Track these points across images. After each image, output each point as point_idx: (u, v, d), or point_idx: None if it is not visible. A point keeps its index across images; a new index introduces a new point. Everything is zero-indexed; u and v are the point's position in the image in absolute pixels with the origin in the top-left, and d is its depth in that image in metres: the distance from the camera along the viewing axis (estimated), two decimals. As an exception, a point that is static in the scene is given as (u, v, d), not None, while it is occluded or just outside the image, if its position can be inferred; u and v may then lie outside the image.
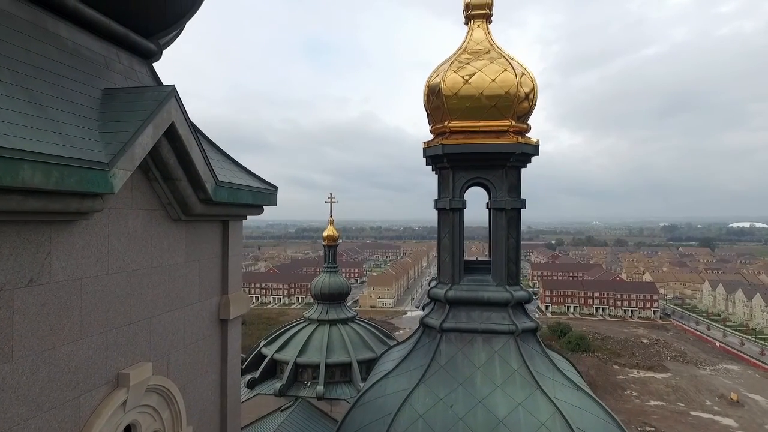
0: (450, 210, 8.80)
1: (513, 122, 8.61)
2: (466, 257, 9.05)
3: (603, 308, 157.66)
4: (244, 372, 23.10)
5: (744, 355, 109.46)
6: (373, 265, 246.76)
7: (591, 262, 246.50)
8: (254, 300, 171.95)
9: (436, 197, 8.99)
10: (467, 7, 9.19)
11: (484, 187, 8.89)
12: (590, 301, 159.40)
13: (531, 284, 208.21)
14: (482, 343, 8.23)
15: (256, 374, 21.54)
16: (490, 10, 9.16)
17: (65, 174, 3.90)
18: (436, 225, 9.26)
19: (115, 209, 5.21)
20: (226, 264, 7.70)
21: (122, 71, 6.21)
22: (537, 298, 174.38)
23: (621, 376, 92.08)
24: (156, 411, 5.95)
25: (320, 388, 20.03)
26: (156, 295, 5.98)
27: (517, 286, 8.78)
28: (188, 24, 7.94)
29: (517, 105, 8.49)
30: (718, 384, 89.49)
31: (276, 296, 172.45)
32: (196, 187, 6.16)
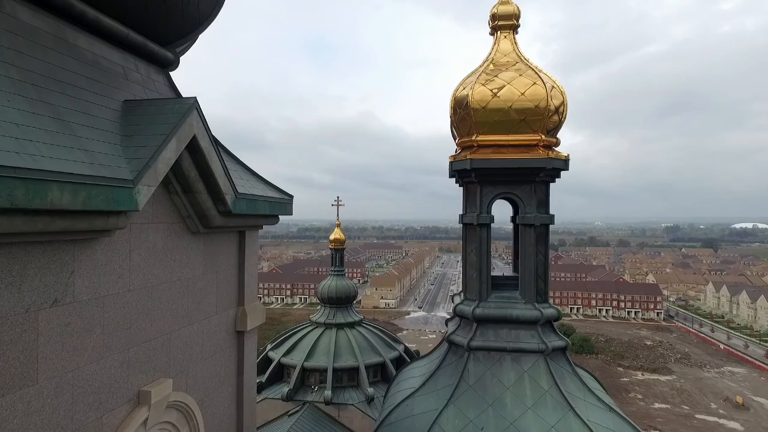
0: (477, 225, 8.62)
1: (543, 136, 8.48)
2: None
3: (606, 310, 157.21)
4: (250, 376, 23.07)
5: (749, 358, 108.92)
6: (375, 265, 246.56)
7: (594, 263, 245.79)
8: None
9: (461, 211, 8.85)
10: (494, 17, 9.06)
11: (511, 202, 8.75)
12: (593, 302, 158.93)
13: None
14: (511, 363, 8.10)
15: (263, 378, 21.43)
16: (518, 20, 9.02)
17: (93, 193, 3.80)
18: (437, 225, 9.09)
19: (136, 224, 5.11)
20: (242, 274, 7.60)
21: (140, 81, 6.12)
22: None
23: (625, 379, 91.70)
24: (175, 427, 5.85)
25: (328, 392, 19.91)
26: (175, 310, 5.89)
27: (546, 303, 8.60)
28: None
29: (547, 119, 8.35)
30: (722, 387, 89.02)
31: (279, 296, 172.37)
32: (216, 199, 6.07)
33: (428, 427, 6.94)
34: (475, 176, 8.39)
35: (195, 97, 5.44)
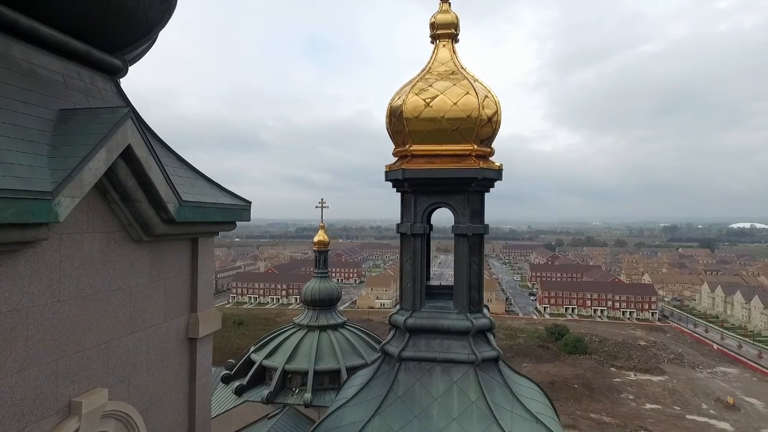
0: (411, 235, 8.65)
1: (475, 146, 8.49)
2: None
3: (601, 310, 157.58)
4: (233, 378, 22.98)
5: (741, 358, 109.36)
6: (372, 266, 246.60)
7: (590, 263, 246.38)
8: (252, 300, 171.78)
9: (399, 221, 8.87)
10: (433, 26, 9.03)
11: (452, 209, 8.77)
12: (588, 302, 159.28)
13: (530, 285, 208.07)
14: (441, 373, 8.10)
15: (245, 381, 21.43)
16: (456, 29, 9.02)
17: (1, 206, 3.79)
18: (436, 225, 9.17)
19: (68, 234, 5.10)
20: (195, 282, 7.58)
21: (83, 89, 6.11)
22: (535, 300, 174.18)
23: (617, 379, 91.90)
24: (114, 437, 5.84)
25: (308, 395, 19.92)
26: (115, 319, 5.87)
27: (479, 313, 8.62)
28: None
29: (479, 128, 8.36)
30: (714, 387, 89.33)
31: (274, 296, 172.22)
32: (157, 208, 6.05)
33: (353, 438, 6.94)
34: (408, 186, 8.41)
35: (129, 107, 5.43)
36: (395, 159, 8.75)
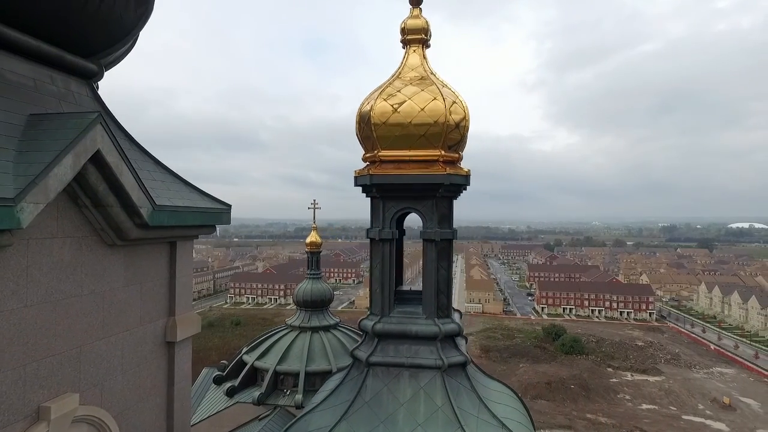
0: (380, 240, 8.68)
1: (443, 152, 8.48)
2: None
3: (599, 310, 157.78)
4: (225, 379, 22.98)
5: (738, 358, 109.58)
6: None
7: (589, 264, 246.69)
8: (250, 301, 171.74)
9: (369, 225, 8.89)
10: (403, 31, 9.02)
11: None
12: (586, 302, 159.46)
13: (528, 285, 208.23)
14: (408, 379, 8.10)
15: (236, 382, 21.42)
16: (426, 35, 9.01)
17: (-41, 213, 3.79)
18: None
19: (36, 239, 5.09)
20: (173, 285, 7.57)
21: (56, 94, 6.10)
22: (533, 300, 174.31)
23: (614, 379, 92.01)
24: (86, 441, 5.83)
25: (299, 396, 19.89)
26: (88, 323, 5.87)
27: (448, 318, 8.65)
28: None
29: (446, 134, 8.36)
30: (711, 387, 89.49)
31: (272, 297, 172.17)
32: (130, 212, 6.04)
33: (317, 445, 6.94)
34: (376, 191, 8.41)
35: (99, 111, 5.42)
36: (364, 164, 8.77)
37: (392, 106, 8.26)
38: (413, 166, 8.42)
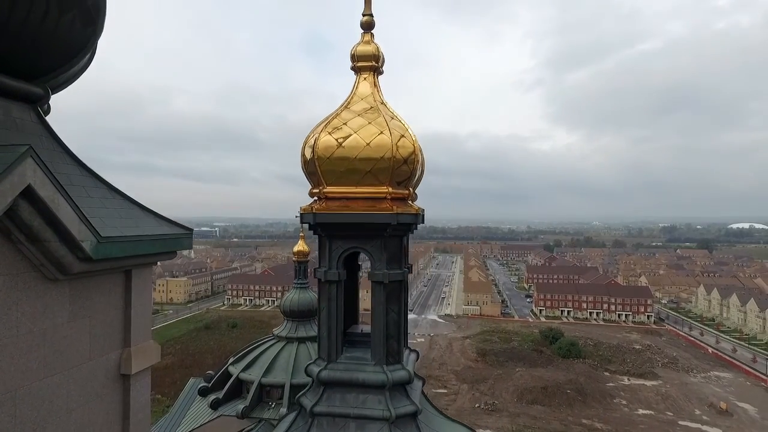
0: (326, 282, 8.29)
1: (391, 189, 8.10)
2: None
3: (597, 312, 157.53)
4: (210, 391, 22.67)
5: (736, 362, 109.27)
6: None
7: (588, 265, 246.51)
8: (248, 302, 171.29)
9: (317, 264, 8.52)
10: (353, 57, 8.55)
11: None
12: (584, 305, 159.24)
13: (527, 287, 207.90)
14: (355, 430, 7.73)
15: (221, 394, 21.12)
16: (378, 62, 8.58)
17: None
18: (434, 225, 8.80)
19: (-41, 281, 4.78)
20: (128, 315, 7.25)
21: (-6, 121, 5.79)
22: (531, 302, 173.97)
23: (611, 384, 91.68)
24: (21, 490, 5.51)
25: (284, 410, 19.57)
26: (24, 365, 5.55)
27: (398, 365, 8.28)
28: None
29: (393, 170, 7.99)
30: (708, 392, 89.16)
31: (270, 298, 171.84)
32: (71, 246, 5.73)
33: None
34: (322, 231, 8.07)
35: (29, 145, 5.10)
36: (311, 200, 8.40)
37: (337, 140, 7.87)
38: (360, 204, 7.99)
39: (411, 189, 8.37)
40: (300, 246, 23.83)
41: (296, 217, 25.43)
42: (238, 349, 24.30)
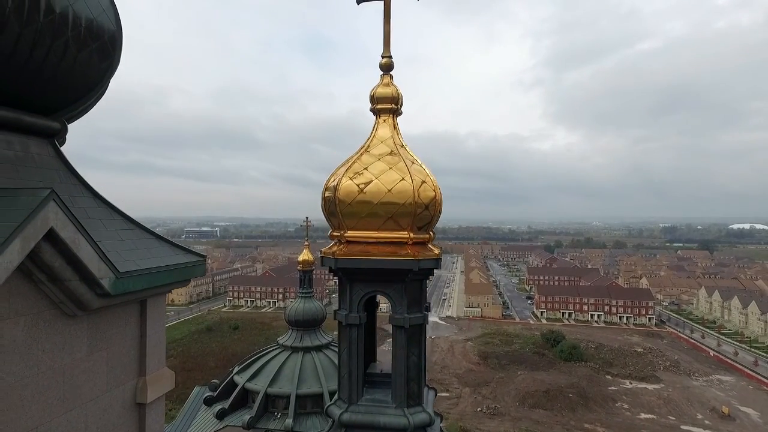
0: (347, 325, 8.41)
1: (412, 234, 8.16)
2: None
3: (598, 315, 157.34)
4: (216, 400, 22.70)
5: (737, 365, 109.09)
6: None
7: (588, 266, 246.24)
8: (249, 304, 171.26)
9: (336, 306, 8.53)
10: (372, 99, 8.61)
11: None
12: (585, 307, 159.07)
13: (528, 288, 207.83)
14: None
15: (227, 404, 21.17)
16: (398, 104, 8.64)
17: None
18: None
19: (-18, 325, 4.82)
20: (144, 344, 7.30)
21: (13, 159, 5.83)
22: (532, 304, 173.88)
23: (613, 387, 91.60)
24: None
25: (289, 420, 19.66)
26: (45, 401, 5.59)
27: (419, 407, 8.35)
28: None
29: (415, 216, 8.05)
30: (710, 396, 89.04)
31: (271, 300, 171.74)
32: (90, 284, 5.77)
33: None
34: (343, 275, 8.12)
35: (51, 188, 5.14)
36: (332, 241, 8.46)
37: (358, 186, 7.95)
38: (381, 248, 8.10)
39: (432, 233, 8.43)
40: (305, 255, 23.86)
41: (301, 226, 25.27)
42: (242, 357, 24.32)
